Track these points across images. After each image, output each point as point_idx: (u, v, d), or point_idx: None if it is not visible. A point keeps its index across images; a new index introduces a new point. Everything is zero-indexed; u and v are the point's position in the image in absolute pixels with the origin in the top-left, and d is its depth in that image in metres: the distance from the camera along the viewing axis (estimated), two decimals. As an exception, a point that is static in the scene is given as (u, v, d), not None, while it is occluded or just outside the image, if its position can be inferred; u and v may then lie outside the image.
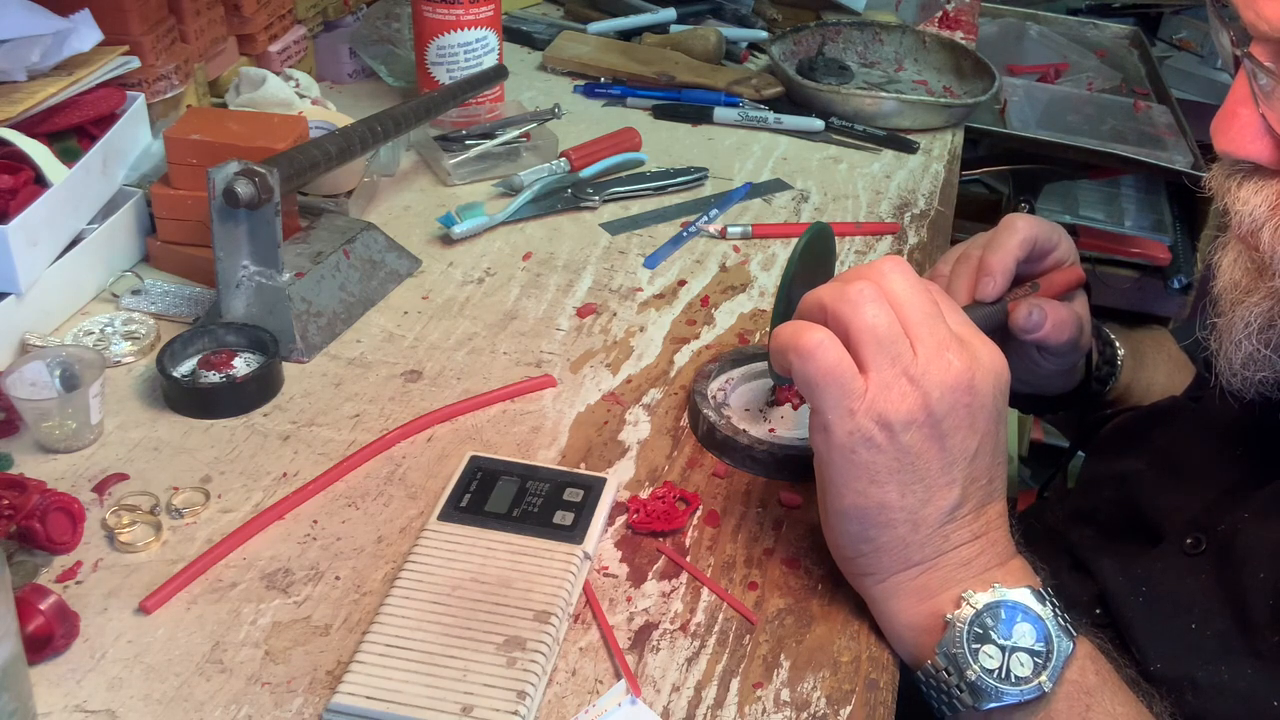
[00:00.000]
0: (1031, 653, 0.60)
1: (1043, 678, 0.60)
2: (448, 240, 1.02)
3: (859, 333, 0.61)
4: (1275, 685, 0.64)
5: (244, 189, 0.81)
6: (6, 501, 0.67)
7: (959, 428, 0.61)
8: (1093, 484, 0.90)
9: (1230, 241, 0.68)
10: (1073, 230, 1.81)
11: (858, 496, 0.62)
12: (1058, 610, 0.61)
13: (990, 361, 0.63)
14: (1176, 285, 1.86)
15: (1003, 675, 0.60)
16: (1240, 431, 0.77)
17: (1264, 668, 0.65)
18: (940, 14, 1.64)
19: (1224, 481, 0.75)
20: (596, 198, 1.09)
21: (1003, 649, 0.60)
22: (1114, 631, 0.73)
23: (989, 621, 0.61)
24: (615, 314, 0.94)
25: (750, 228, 1.06)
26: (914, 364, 0.61)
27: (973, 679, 0.60)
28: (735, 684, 0.63)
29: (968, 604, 0.61)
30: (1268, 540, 0.68)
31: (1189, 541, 0.73)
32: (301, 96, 1.13)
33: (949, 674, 0.61)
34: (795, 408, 0.82)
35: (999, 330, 0.81)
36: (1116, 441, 0.90)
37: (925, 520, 0.62)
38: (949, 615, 0.62)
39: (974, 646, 0.60)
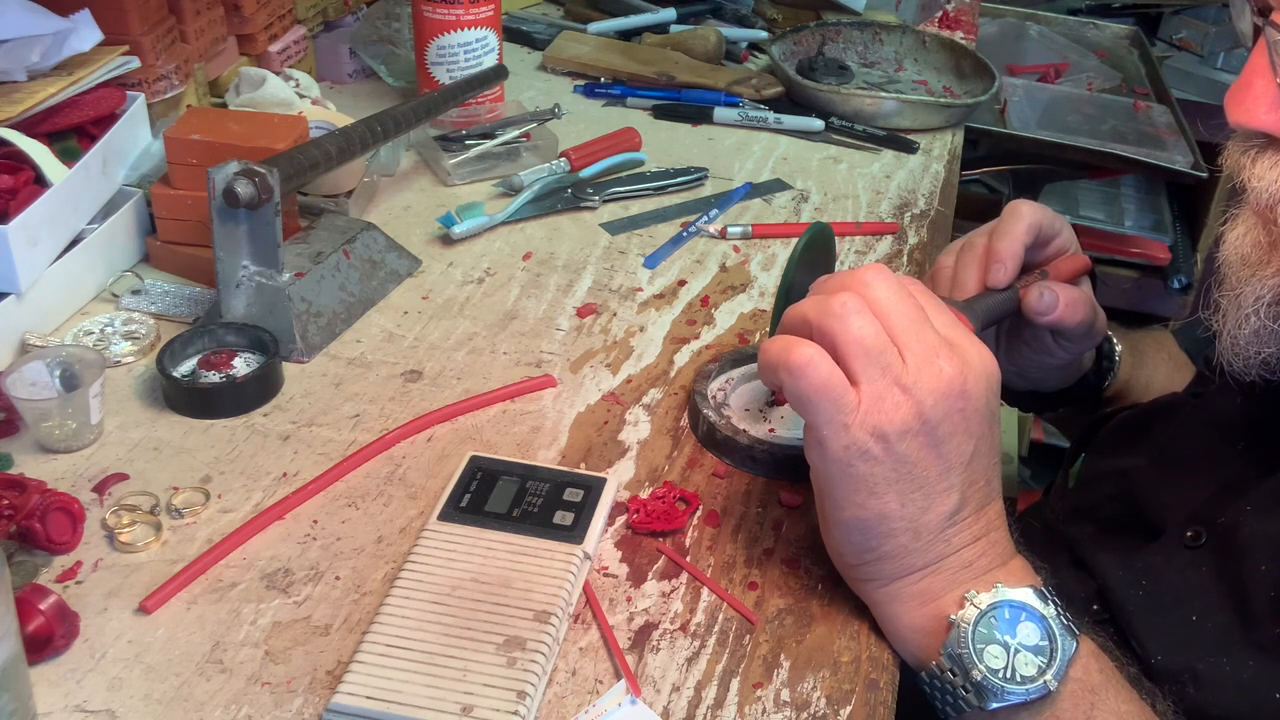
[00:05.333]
0: (1036, 651, 0.60)
1: (1048, 676, 0.60)
2: (448, 240, 1.02)
3: (846, 345, 0.60)
4: (1276, 677, 0.64)
5: (244, 189, 0.81)
6: (6, 501, 0.67)
7: (954, 433, 0.61)
8: (1093, 481, 0.90)
9: (1242, 215, 0.68)
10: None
11: (857, 509, 0.62)
12: (1060, 609, 0.61)
13: (980, 363, 0.62)
14: (1176, 285, 1.87)
15: (1008, 675, 0.60)
16: (1241, 425, 0.77)
17: (1265, 660, 0.65)
18: (940, 14, 1.64)
19: (1225, 475, 0.75)
20: (596, 198, 1.09)
21: (1007, 648, 0.60)
22: (1114, 627, 0.73)
23: (993, 621, 0.61)
24: (615, 314, 0.94)
25: (750, 228, 1.06)
26: (905, 373, 0.60)
27: (978, 679, 0.59)
28: (735, 684, 0.63)
29: (971, 604, 0.61)
30: (1269, 533, 0.68)
31: (1189, 535, 0.73)
32: (301, 96, 1.13)
33: (954, 674, 0.61)
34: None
35: (1011, 318, 0.81)
36: (1117, 438, 0.90)
37: (926, 526, 0.62)
38: (953, 616, 0.61)
39: (979, 646, 0.60)
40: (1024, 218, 0.79)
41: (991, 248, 0.78)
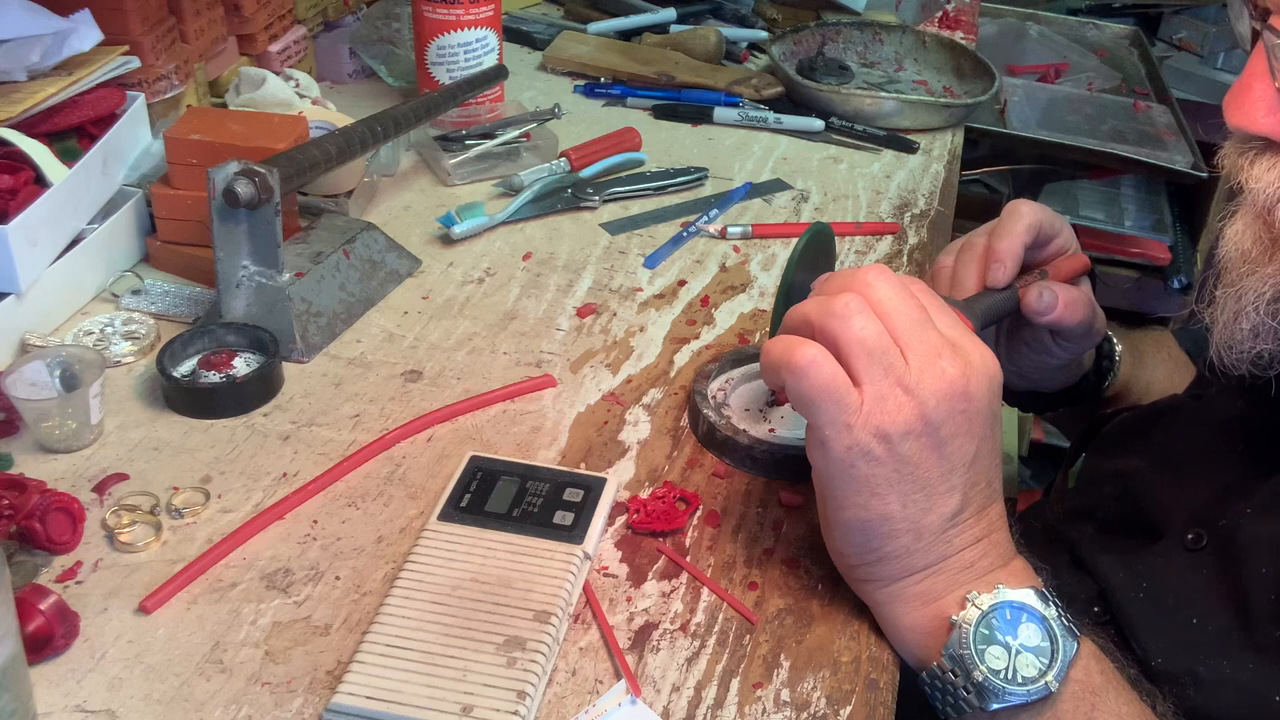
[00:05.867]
0: (1037, 652, 0.60)
1: (1049, 677, 0.60)
2: (448, 240, 1.02)
3: (849, 346, 0.60)
4: (1276, 680, 0.64)
5: (244, 189, 0.81)
6: (6, 501, 0.67)
7: (957, 434, 0.61)
8: (1093, 482, 0.90)
9: (1241, 212, 0.68)
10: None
11: (859, 510, 0.62)
12: (1061, 610, 0.61)
13: (982, 364, 0.62)
14: (1176, 285, 1.87)
15: (1009, 676, 0.60)
16: (1241, 428, 0.77)
17: (1265, 662, 0.65)
18: (940, 14, 1.64)
19: (1225, 477, 0.75)
20: (596, 198, 1.09)
21: (1008, 649, 0.60)
22: (1114, 629, 0.73)
23: (994, 622, 0.61)
24: (615, 314, 0.94)
25: (750, 228, 1.06)
26: (907, 373, 0.60)
27: (980, 680, 0.59)
28: (735, 684, 0.63)
29: (973, 605, 0.61)
30: (1269, 535, 0.68)
31: (1190, 537, 0.73)
32: (301, 96, 1.13)
33: (955, 675, 0.61)
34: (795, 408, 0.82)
35: (1010, 317, 0.81)
36: (1117, 439, 0.90)
37: (928, 528, 0.62)
38: (954, 617, 0.61)
39: (980, 647, 0.60)
40: (1024, 217, 0.79)
41: (991, 247, 0.78)
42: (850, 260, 1.05)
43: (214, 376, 0.81)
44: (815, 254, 0.78)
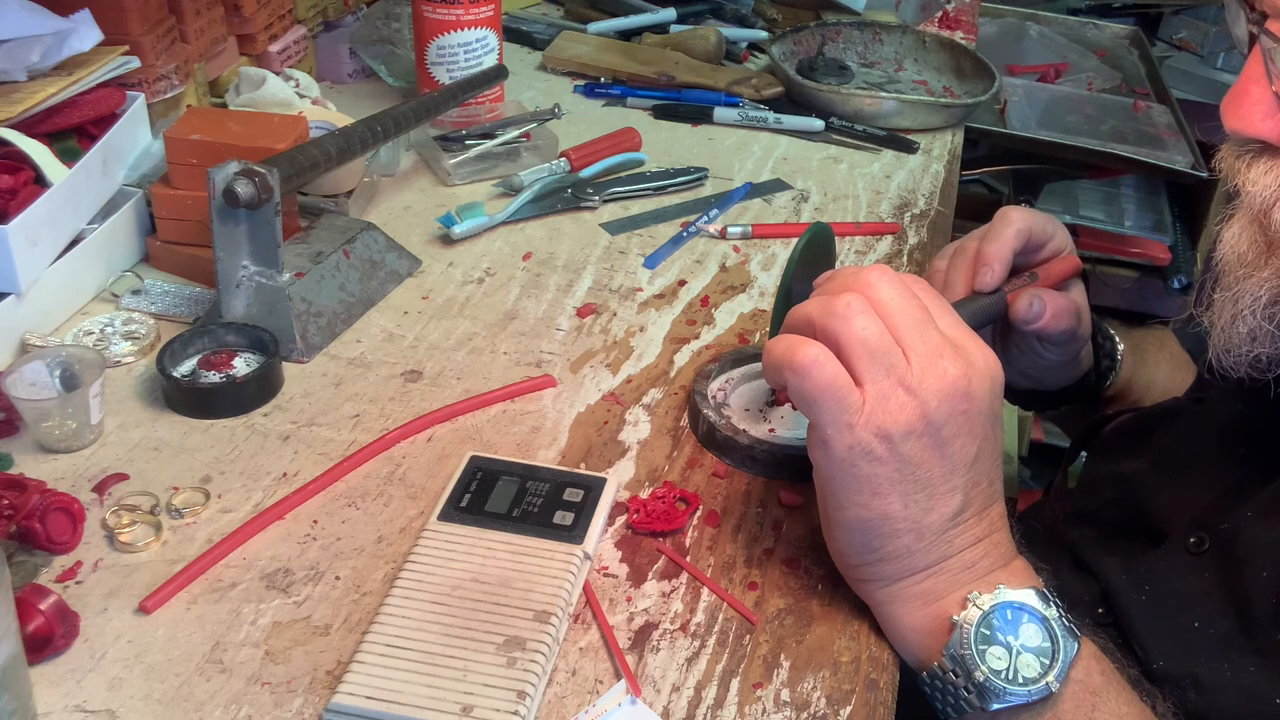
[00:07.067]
0: (1038, 653, 0.60)
1: (1050, 678, 0.60)
2: (448, 240, 1.02)
3: (850, 346, 0.60)
4: (1277, 682, 0.64)
5: (244, 189, 0.81)
6: (6, 501, 0.67)
7: (958, 434, 0.61)
8: (1094, 484, 0.90)
9: (1238, 215, 0.68)
10: (1073, 230, 1.82)
11: (860, 509, 0.62)
12: (1062, 611, 0.61)
13: (984, 364, 0.63)
14: (1176, 285, 1.87)
15: (1010, 676, 0.60)
16: (1242, 430, 0.77)
17: (1266, 665, 0.65)
18: (940, 14, 1.64)
19: (1226, 480, 0.75)
20: (596, 198, 1.09)
21: (1009, 649, 0.60)
22: (1116, 631, 0.73)
23: (995, 623, 0.61)
24: (615, 314, 0.94)
25: (750, 228, 1.06)
26: (909, 373, 0.60)
27: (981, 680, 0.59)
28: (735, 684, 0.63)
29: (974, 605, 0.61)
30: (1270, 539, 0.68)
31: (1192, 540, 0.73)
32: (301, 96, 1.13)
33: (956, 676, 0.61)
34: (795, 408, 0.82)
35: (998, 321, 0.81)
36: (1118, 441, 0.90)
37: (929, 528, 0.62)
38: (955, 617, 0.61)
39: (981, 648, 0.60)
40: (1013, 223, 0.79)
41: (980, 252, 0.79)
42: (850, 260, 1.05)
43: (214, 376, 0.81)
44: (815, 254, 0.78)
